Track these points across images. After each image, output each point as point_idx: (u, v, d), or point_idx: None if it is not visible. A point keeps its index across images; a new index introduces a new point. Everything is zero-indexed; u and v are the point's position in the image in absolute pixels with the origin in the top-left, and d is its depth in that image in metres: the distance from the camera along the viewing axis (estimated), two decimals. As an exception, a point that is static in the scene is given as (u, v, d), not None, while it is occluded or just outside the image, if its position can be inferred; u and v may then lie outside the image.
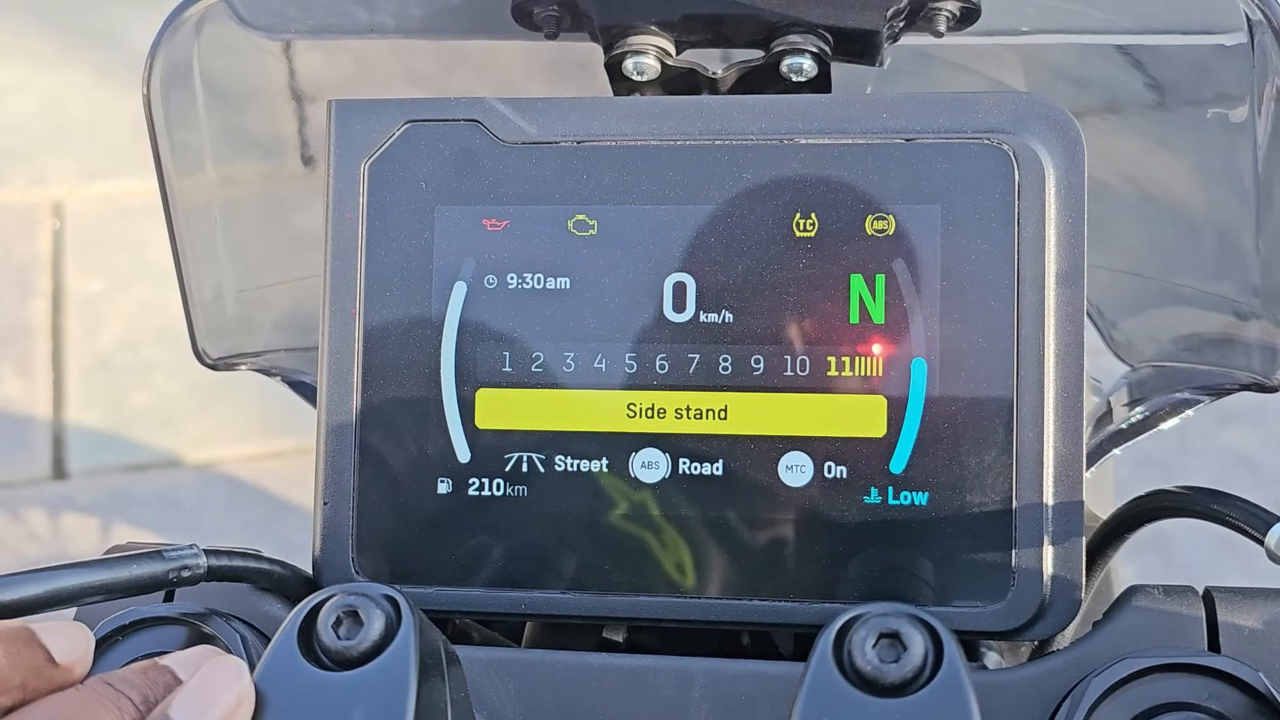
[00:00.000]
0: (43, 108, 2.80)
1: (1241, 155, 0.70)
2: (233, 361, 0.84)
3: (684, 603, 0.64)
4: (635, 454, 0.64)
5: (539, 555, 0.65)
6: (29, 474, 2.32)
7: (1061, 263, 0.62)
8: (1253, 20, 0.65)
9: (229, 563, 0.60)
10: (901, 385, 0.63)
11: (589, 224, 0.65)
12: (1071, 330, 0.62)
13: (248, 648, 0.60)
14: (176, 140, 0.76)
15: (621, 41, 0.72)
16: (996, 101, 0.63)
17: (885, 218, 0.63)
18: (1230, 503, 0.60)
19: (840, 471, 0.63)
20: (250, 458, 2.33)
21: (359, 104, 0.67)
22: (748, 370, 0.64)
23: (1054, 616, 0.61)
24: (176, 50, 0.74)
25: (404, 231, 0.66)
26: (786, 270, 0.64)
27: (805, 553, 0.63)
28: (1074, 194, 0.63)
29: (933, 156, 0.63)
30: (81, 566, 0.55)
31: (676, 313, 0.65)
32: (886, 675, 0.47)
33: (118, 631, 0.61)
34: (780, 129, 0.65)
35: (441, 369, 0.66)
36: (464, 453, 0.65)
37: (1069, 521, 0.61)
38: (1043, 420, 0.62)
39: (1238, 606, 0.59)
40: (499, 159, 0.66)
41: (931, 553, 0.62)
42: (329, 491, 0.66)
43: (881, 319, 0.63)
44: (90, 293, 2.53)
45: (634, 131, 0.65)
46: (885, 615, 0.48)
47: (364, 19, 0.76)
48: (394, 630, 0.51)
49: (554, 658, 0.63)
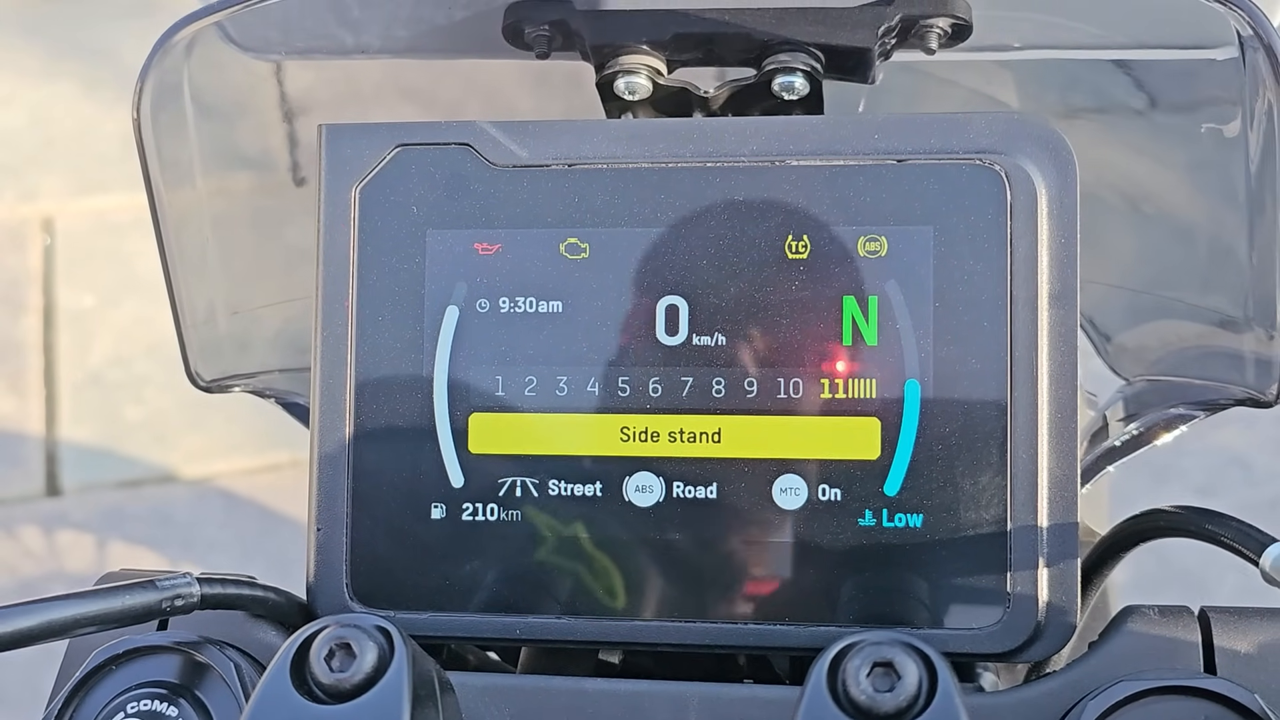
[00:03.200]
0: (32, 122, 2.80)
1: (1235, 169, 0.70)
2: (226, 384, 0.84)
3: (679, 627, 0.63)
4: (629, 478, 0.64)
5: (533, 580, 0.65)
6: (22, 491, 2.32)
7: (1054, 283, 0.62)
8: (1244, 36, 0.65)
9: (222, 591, 0.60)
10: (895, 407, 0.63)
11: (581, 247, 0.65)
12: (1065, 350, 0.62)
13: (242, 676, 0.60)
14: (167, 161, 0.75)
15: (613, 61, 0.72)
16: (988, 122, 0.63)
17: (877, 239, 0.63)
18: (1225, 523, 0.60)
19: (834, 494, 0.63)
20: (244, 471, 2.32)
21: (349, 128, 0.67)
22: (741, 393, 0.64)
23: (1049, 638, 0.61)
24: (167, 73, 0.73)
25: (395, 256, 0.66)
26: (779, 292, 0.64)
27: (800, 576, 0.63)
28: (1066, 214, 0.62)
29: (925, 177, 0.63)
30: (74, 598, 0.55)
31: (669, 336, 0.64)
32: (881, 705, 0.47)
33: (111, 660, 0.61)
34: (771, 151, 0.64)
35: (434, 394, 0.65)
36: (457, 478, 0.65)
37: (1064, 543, 0.61)
38: (1037, 441, 0.61)
39: (1233, 627, 0.59)
40: (490, 182, 0.66)
41: (926, 575, 0.62)
42: (322, 517, 0.66)
43: (874, 341, 0.63)
44: (82, 308, 2.52)
45: (625, 154, 0.65)
46: (879, 644, 0.48)
47: (350, 41, 0.76)
48: (387, 661, 0.50)
49: (549, 683, 0.62)
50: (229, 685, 0.60)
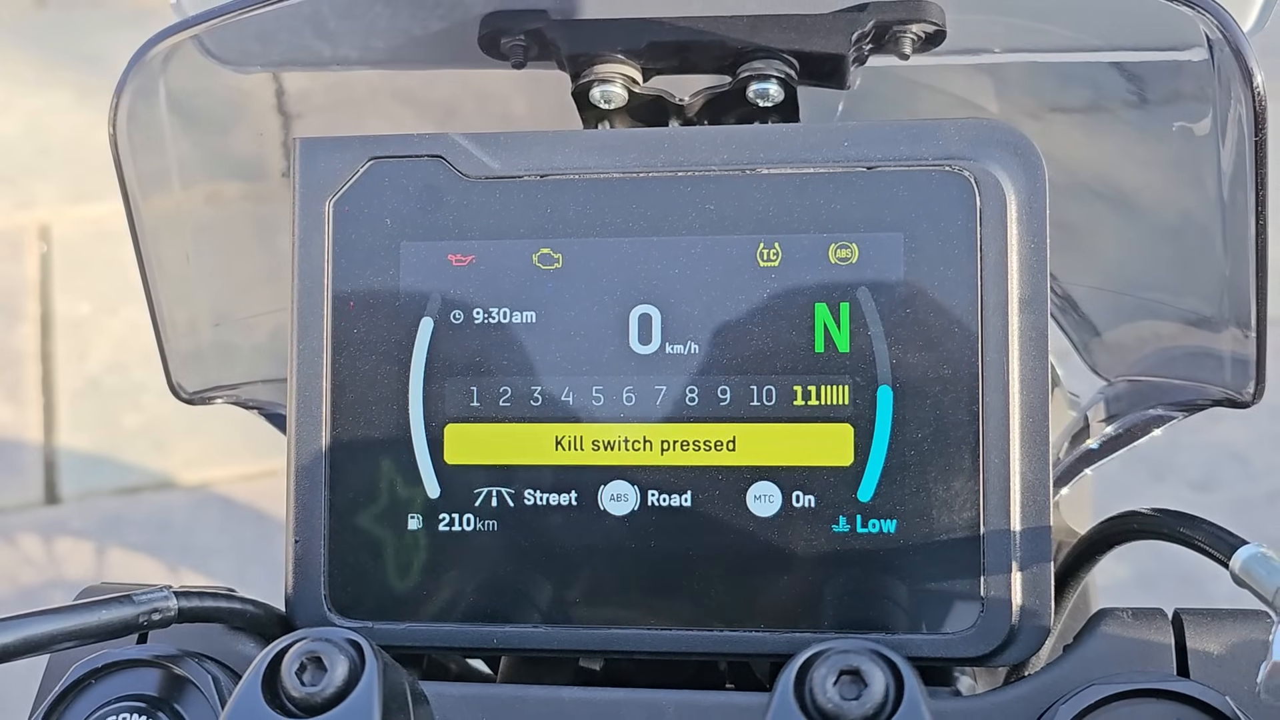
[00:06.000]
0: (28, 130, 2.81)
1: (1207, 168, 0.70)
2: (209, 395, 0.84)
3: (656, 634, 0.64)
4: (604, 486, 0.64)
5: (511, 589, 0.65)
6: (21, 499, 2.32)
7: (1025, 287, 0.62)
8: (1212, 39, 0.65)
9: (200, 604, 0.60)
10: (868, 413, 0.63)
11: (554, 258, 0.65)
12: (1036, 355, 0.62)
13: (220, 689, 0.60)
14: (145, 173, 0.75)
15: (588, 70, 0.72)
16: (957, 129, 0.63)
17: (848, 246, 0.64)
18: (1198, 526, 0.60)
19: (808, 501, 0.63)
20: (242, 477, 2.32)
21: (323, 142, 0.67)
22: (714, 401, 0.64)
23: (1024, 642, 0.61)
24: (144, 86, 0.74)
25: (370, 268, 0.66)
26: (751, 300, 0.64)
27: (775, 582, 0.63)
28: (1035, 219, 0.63)
29: (895, 184, 0.63)
30: (51, 613, 0.55)
31: (642, 345, 0.65)
32: (848, 713, 0.47)
33: (91, 675, 0.61)
34: (742, 159, 0.65)
35: (410, 405, 0.66)
36: (433, 488, 0.65)
37: (1037, 547, 0.61)
38: (1009, 445, 0.62)
39: (1206, 629, 0.59)
40: (463, 194, 0.66)
41: (900, 580, 0.62)
42: (300, 529, 0.66)
43: (846, 347, 0.63)
44: (79, 316, 2.53)
45: (597, 164, 0.66)
46: (846, 652, 0.48)
47: (327, 53, 0.77)
48: (358, 675, 0.51)
49: (527, 692, 0.63)
50: (207, 698, 0.60)
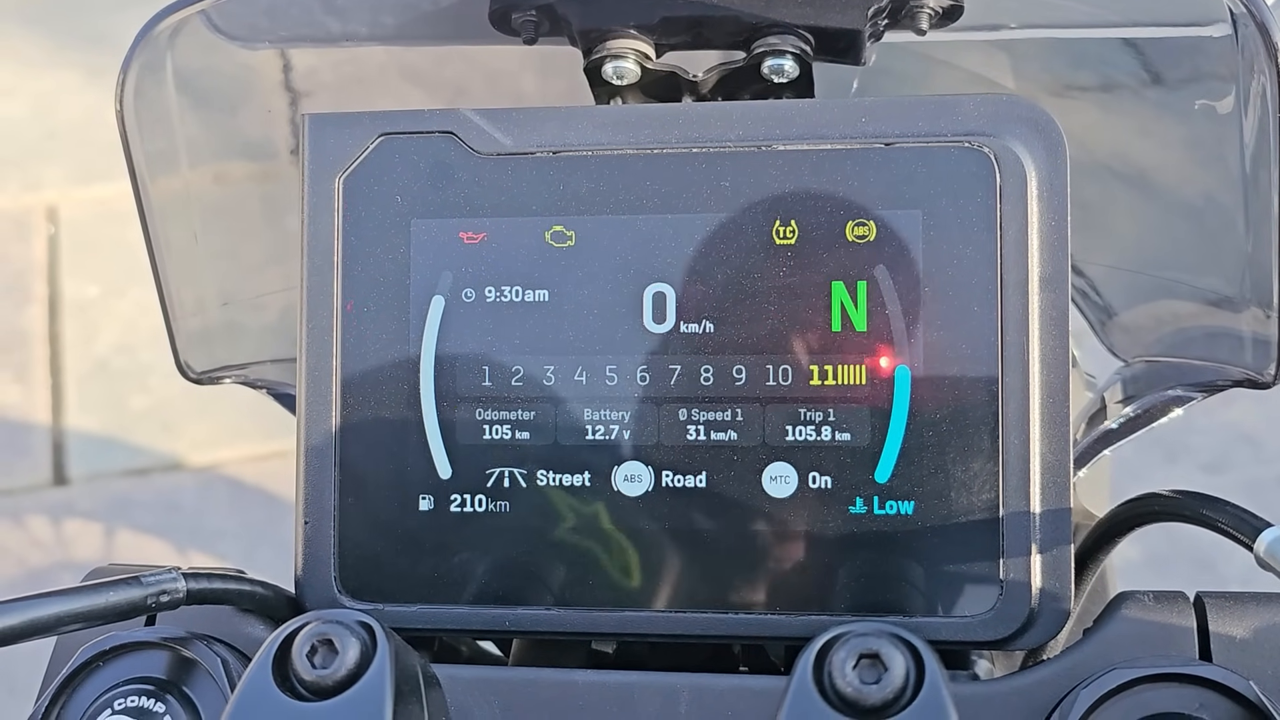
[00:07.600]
0: (35, 112, 2.80)
1: (1229, 146, 0.69)
2: (217, 375, 0.83)
3: (669, 617, 0.63)
4: (618, 467, 0.64)
5: (523, 571, 0.64)
6: (30, 481, 2.32)
7: (1045, 266, 0.61)
8: (1236, 14, 0.64)
9: (209, 585, 0.59)
10: (885, 393, 0.62)
11: (566, 235, 0.64)
12: (1056, 334, 0.61)
13: (229, 671, 0.60)
14: (152, 152, 0.75)
15: (600, 46, 0.71)
16: (976, 104, 0.62)
17: (866, 224, 0.62)
18: (1220, 508, 0.59)
19: (825, 482, 0.62)
20: (251, 458, 2.32)
21: (332, 118, 0.66)
22: (729, 380, 0.63)
23: (1043, 625, 0.60)
24: (150, 63, 0.73)
25: (380, 246, 0.65)
26: (767, 279, 0.63)
27: (790, 564, 0.62)
28: (1057, 196, 0.62)
29: (913, 161, 0.62)
30: (59, 595, 0.54)
31: (656, 324, 0.64)
32: (867, 697, 0.46)
33: (99, 657, 0.61)
34: (758, 136, 0.64)
35: (421, 384, 0.65)
36: (445, 469, 0.65)
37: (1057, 529, 0.60)
38: (1029, 426, 0.61)
39: (1229, 613, 0.58)
40: (474, 171, 0.65)
41: (918, 563, 0.61)
42: (310, 510, 0.65)
43: (864, 326, 0.62)
44: (86, 297, 2.52)
45: (610, 141, 0.65)
46: (865, 635, 0.47)
47: (337, 29, 0.76)
48: (370, 657, 0.50)
49: (539, 675, 0.62)
50: (216, 681, 0.59)
